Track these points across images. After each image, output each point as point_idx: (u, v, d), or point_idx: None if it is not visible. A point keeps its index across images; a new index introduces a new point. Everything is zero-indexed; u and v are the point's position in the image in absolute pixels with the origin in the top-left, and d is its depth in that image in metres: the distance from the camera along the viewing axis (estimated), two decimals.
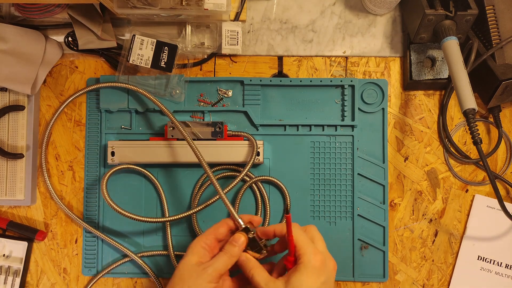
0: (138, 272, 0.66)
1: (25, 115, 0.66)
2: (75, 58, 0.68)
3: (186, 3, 0.59)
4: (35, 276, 0.67)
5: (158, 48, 0.64)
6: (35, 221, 0.67)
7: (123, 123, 0.67)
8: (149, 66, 0.63)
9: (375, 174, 0.66)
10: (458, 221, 0.67)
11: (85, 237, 0.66)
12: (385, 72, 0.68)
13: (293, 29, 0.68)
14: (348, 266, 0.65)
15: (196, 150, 0.59)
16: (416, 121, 0.68)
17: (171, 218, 0.61)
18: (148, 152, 0.63)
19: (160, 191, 0.66)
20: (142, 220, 0.59)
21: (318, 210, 0.66)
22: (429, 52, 0.66)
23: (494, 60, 0.62)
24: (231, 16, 0.66)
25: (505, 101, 0.65)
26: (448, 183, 0.67)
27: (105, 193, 0.60)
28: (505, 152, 0.67)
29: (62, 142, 0.68)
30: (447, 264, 0.66)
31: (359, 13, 0.68)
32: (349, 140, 0.66)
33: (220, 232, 0.55)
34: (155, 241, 0.66)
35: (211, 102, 0.67)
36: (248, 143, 0.63)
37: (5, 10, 0.66)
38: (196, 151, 0.59)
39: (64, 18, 0.65)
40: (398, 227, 0.67)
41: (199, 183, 0.66)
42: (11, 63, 0.63)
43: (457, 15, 0.59)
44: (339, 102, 0.67)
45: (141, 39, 0.63)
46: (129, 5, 0.58)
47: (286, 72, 0.68)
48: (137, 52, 0.63)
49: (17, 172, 0.66)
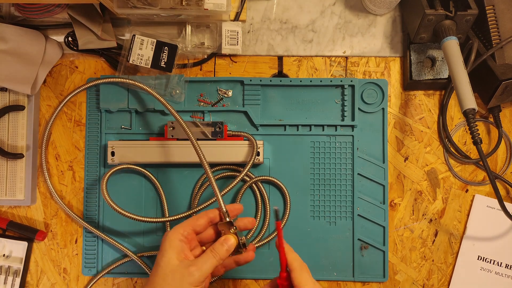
0: (138, 272, 0.66)
1: (25, 115, 0.66)
2: (75, 58, 0.68)
3: (186, 3, 0.59)
4: (35, 276, 0.67)
5: (158, 48, 0.64)
6: (35, 221, 0.67)
7: (123, 123, 0.67)
8: (149, 66, 0.63)
9: (375, 174, 0.66)
10: (458, 221, 0.67)
11: (85, 237, 0.66)
12: (385, 72, 0.68)
13: (293, 29, 0.68)
14: (348, 266, 0.65)
15: (196, 146, 0.59)
16: (416, 121, 0.68)
17: (171, 218, 0.61)
18: (148, 152, 0.63)
19: (160, 191, 0.66)
20: (141, 220, 0.60)
21: (318, 210, 0.66)
22: (429, 52, 0.66)
23: (494, 60, 0.62)
24: (231, 16, 0.66)
25: (505, 101, 0.65)
26: (448, 183, 0.67)
27: (105, 193, 0.60)
28: (505, 152, 0.67)
29: (62, 142, 0.68)
30: (447, 264, 0.66)
31: (359, 13, 0.68)
32: (349, 140, 0.66)
33: (199, 223, 0.52)
34: (155, 241, 0.66)
35: (211, 102, 0.67)
36: (248, 143, 0.63)
37: (5, 10, 0.66)
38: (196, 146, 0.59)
39: (64, 18, 0.65)
40: (398, 227, 0.67)
41: (199, 183, 0.66)
42: (11, 63, 0.63)
43: (457, 15, 0.59)
44: (339, 102, 0.67)
45: (141, 39, 0.63)
46: (129, 5, 0.58)
47: (286, 72, 0.68)
48: (137, 52, 0.63)
49: (17, 172, 0.66)
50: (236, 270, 0.65)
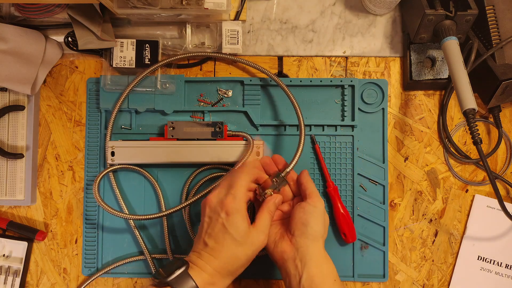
0: (138, 272, 0.66)
1: (25, 115, 0.66)
2: (75, 58, 0.68)
3: (186, 3, 0.59)
4: (35, 276, 0.67)
5: (139, 46, 0.64)
6: (35, 221, 0.67)
7: (123, 123, 0.67)
8: (133, 66, 0.63)
9: (375, 174, 0.66)
10: (458, 221, 0.67)
11: (85, 237, 0.66)
12: (385, 72, 0.68)
13: (293, 29, 0.68)
14: (348, 266, 0.65)
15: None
16: (416, 121, 0.68)
17: (163, 213, 0.61)
18: (148, 152, 0.63)
19: (158, 191, 0.66)
20: (133, 218, 0.60)
21: None
22: (429, 52, 0.66)
23: (494, 60, 0.62)
24: (231, 16, 0.66)
25: (505, 101, 0.65)
26: (448, 183, 0.67)
27: (97, 193, 0.61)
28: (505, 152, 0.67)
29: (62, 142, 0.68)
30: (447, 264, 0.66)
31: (359, 13, 0.68)
32: (349, 140, 0.66)
33: (250, 177, 0.56)
34: (155, 242, 0.66)
35: (211, 102, 0.67)
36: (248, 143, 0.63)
37: (5, 10, 0.66)
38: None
39: (64, 18, 0.65)
40: (398, 227, 0.67)
41: (199, 183, 0.66)
42: (11, 63, 0.63)
43: (457, 15, 0.59)
44: (339, 102, 0.67)
45: (121, 42, 0.63)
46: (129, 5, 0.58)
47: (286, 72, 0.68)
48: (119, 55, 0.63)
49: (17, 172, 0.66)
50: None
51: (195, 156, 0.63)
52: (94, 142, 0.67)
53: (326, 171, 0.65)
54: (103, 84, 0.65)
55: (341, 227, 0.63)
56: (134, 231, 0.65)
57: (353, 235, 0.63)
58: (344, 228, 0.63)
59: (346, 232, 0.63)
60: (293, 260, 0.52)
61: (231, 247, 0.51)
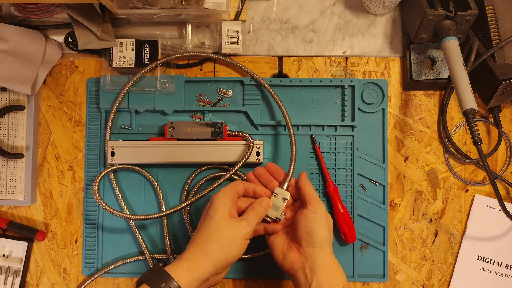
0: (138, 272, 0.66)
1: (25, 115, 0.66)
2: (75, 58, 0.68)
3: (186, 3, 0.59)
4: (35, 276, 0.67)
5: (139, 46, 0.64)
6: (35, 221, 0.67)
7: (123, 123, 0.67)
8: (133, 66, 0.64)
9: (375, 174, 0.66)
10: (458, 221, 0.67)
11: (85, 237, 0.66)
12: (385, 72, 0.68)
13: (293, 29, 0.68)
14: (348, 266, 0.65)
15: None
16: (416, 121, 0.68)
17: (163, 213, 0.61)
18: (148, 152, 0.63)
19: (158, 191, 0.66)
20: (133, 218, 0.60)
21: None
22: (429, 52, 0.66)
23: (494, 60, 0.62)
24: (231, 16, 0.66)
25: (505, 101, 0.65)
26: (448, 183, 0.67)
27: (97, 193, 0.61)
28: (505, 152, 0.67)
29: (62, 142, 0.68)
30: (447, 264, 0.66)
31: (359, 13, 0.68)
32: (349, 140, 0.66)
33: (240, 187, 0.57)
34: (155, 242, 0.66)
35: (211, 102, 0.67)
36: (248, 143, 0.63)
37: (5, 10, 0.66)
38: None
39: (64, 18, 0.65)
40: (398, 227, 0.67)
41: (200, 183, 0.66)
42: (11, 63, 0.63)
43: (457, 15, 0.59)
44: (339, 102, 0.67)
45: (120, 42, 0.63)
46: (129, 5, 0.58)
47: (286, 72, 0.68)
48: (118, 55, 0.63)
49: (17, 172, 0.66)
50: (236, 270, 0.65)
51: (195, 156, 0.63)
52: (94, 142, 0.67)
53: (326, 171, 0.65)
54: (103, 84, 0.65)
55: (341, 227, 0.63)
56: (134, 231, 0.65)
57: (353, 235, 0.63)
58: (344, 228, 0.63)
59: (346, 232, 0.63)
60: (303, 270, 0.53)
61: (208, 226, 0.52)
